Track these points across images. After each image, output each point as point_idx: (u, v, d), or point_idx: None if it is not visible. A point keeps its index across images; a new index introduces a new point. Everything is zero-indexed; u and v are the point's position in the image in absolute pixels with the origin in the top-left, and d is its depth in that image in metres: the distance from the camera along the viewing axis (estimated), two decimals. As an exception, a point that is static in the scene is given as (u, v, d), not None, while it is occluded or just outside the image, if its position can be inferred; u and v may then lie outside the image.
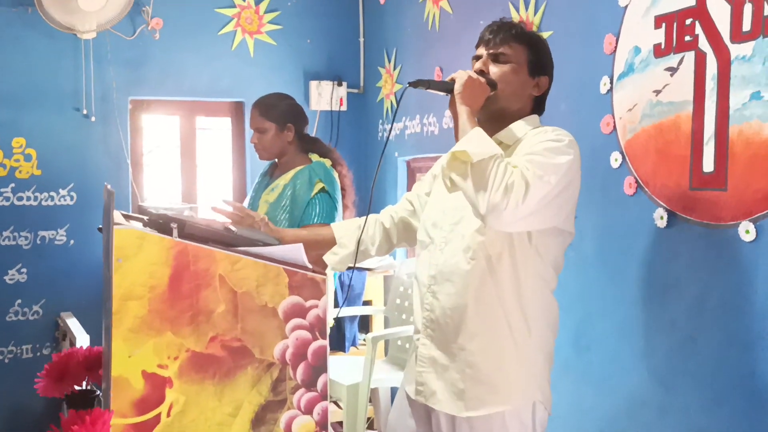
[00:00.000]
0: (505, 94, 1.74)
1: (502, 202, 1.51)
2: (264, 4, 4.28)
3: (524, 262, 1.71)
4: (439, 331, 1.78)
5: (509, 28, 1.76)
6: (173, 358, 1.49)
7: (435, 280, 1.79)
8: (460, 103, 1.67)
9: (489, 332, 1.73)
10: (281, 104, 2.67)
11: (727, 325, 2.02)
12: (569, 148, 1.65)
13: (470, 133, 1.61)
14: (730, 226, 1.99)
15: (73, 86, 3.89)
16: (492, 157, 1.54)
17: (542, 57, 1.80)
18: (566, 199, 1.66)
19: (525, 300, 1.73)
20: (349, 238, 1.98)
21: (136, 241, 1.45)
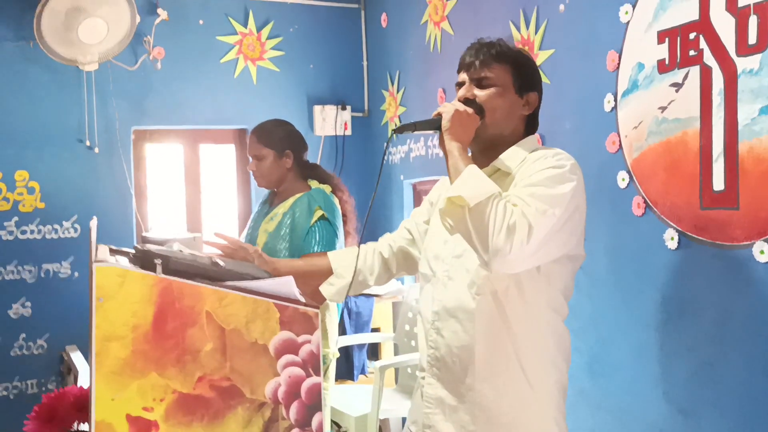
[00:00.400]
0: (495, 120, 1.64)
1: (506, 245, 1.42)
2: (266, 30, 4.26)
3: (534, 294, 1.60)
4: (445, 371, 1.67)
5: (489, 49, 1.65)
6: (159, 400, 1.42)
7: (439, 316, 1.68)
8: (450, 139, 1.57)
9: (500, 372, 1.61)
10: (279, 130, 2.62)
11: (749, 350, 1.92)
12: (572, 174, 1.54)
13: (464, 173, 1.51)
14: (744, 247, 1.90)
15: (75, 118, 3.88)
16: (489, 198, 1.44)
17: (528, 73, 1.68)
18: (574, 226, 1.56)
19: (537, 334, 1.62)
20: (345, 267, 1.88)
21: (117, 279, 1.39)
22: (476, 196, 1.44)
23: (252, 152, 2.58)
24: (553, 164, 1.53)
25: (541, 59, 2.75)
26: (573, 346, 2.61)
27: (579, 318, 2.61)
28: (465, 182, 1.49)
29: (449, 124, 1.57)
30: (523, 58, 1.69)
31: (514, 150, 1.65)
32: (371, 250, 1.93)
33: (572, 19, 2.59)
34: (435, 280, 1.71)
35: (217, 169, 4.34)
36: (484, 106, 1.62)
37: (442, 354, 1.67)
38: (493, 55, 1.64)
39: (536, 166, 1.55)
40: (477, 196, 1.44)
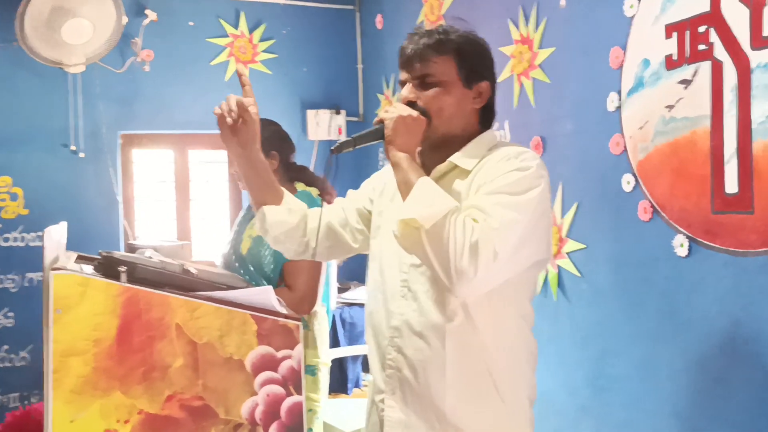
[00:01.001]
0: (443, 121, 1.47)
1: (470, 268, 1.29)
2: (258, 32, 4.16)
3: (503, 303, 1.46)
4: (410, 393, 1.50)
5: (428, 39, 1.47)
6: (123, 422, 1.31)
7: (399, 332, 1.50)
8: (396, 149, 1.42)
9: (474, 392, 1.47)
10: (265, 130, 2.48)
11: (764, 364, 1.80)
12: (539, 177, 1.39)
13: (415, 189, 1.37)
14: (760, 254, 1.78)
15: (61, 122, 3.77)
16: (446, 216, 1.31)
17: (476, 61, 1.49)
18: (542, 232, 1.43)
19: (509, 347, 1.49)
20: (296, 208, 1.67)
21: (78, 288, 1.28)
22: (432, 215, 1.31)
23: (236, 153, 2.46)
24: (517, 166, 1.39)
25: (541, 58, 2.64)
26: (575, 358, 2.51)
27: (581, 329, 2.48)
28: (417, 200, 1.35)
29: (393, 133, 1.42)
30: (468, 45, 1.48)
31: (472, 147, 1.49)
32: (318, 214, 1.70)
33: (574, 14, 2.47)
34: (390, 291, 1.53)
35: (208, 175, 4.22)
36: (428, 108, 1.46)
37: (405, 375, 1.50)
38: (433, 46, 1.45)
39: (499, 168, 1.41)
40: (432, 215, 1.31)
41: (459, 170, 1.48)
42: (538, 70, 2.66)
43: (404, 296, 1.50)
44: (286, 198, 1.69)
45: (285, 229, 1.66)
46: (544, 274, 2.64)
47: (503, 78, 2.85)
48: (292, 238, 1.67)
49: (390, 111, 1.45)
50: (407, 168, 1.41)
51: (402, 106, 1.46)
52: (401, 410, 1.51)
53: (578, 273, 2.47)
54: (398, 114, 1.43)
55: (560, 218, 2.55)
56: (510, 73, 2.82)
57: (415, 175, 1.39)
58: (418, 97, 1.47)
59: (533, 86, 2.70)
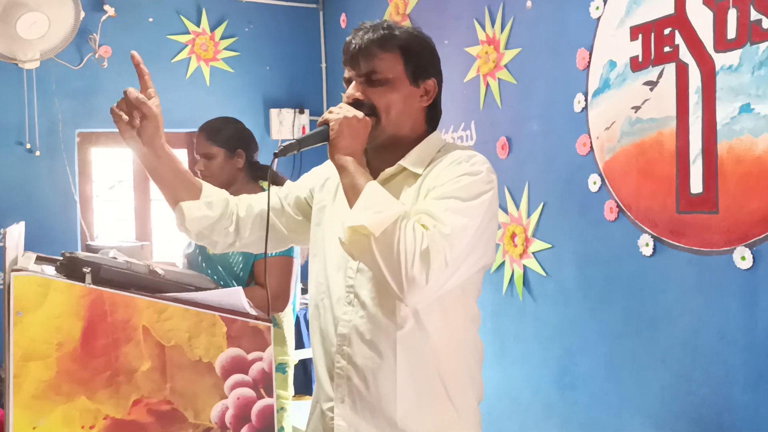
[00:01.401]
0: (391, 120, 1.43)
1: (421, 276, 1.25)
2: (220, 30, 4.09)
3: (453, 307, 1.44)
4: (360, 401, 1.46)
5: (373, 35, 1.42)
6: (89, 428, 1.27)
7: (348, 341, 1.46)
8: (341, 152, 1.37)
9: (426, 401, 1.44)
10: (230, 128, 2.47)
11: (726, 361, 1.83)
12: (488, 182, 1.38)
13: (363, 195, 1.32)
14: (724, 252, 1.81)
15: (15, 119, 3.65)
16: (396, 222, 1.27)
17: (422, 57, 1.46)
18: (490, 236, 1.41)
19: (458, 352, 1.47)
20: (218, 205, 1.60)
21: (39, 289, 1.23)
22: (381, 222, 1.27)
23: (200, 151, 2.42)
24: (467, 170, 1.37)
25: (507, 58, 2.65)
26: (539, 357, 2.53)
27: (546, 328, 2.50)
28: (366, 206, 1.30)
29: (337, 134, 1.37)
30: (414, 41, 1.45)
31: (421, 150, 1.46)
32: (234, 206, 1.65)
33: (540, 15, 2.49)
34: (336, 296, 1.49)
35: (168, 174, 4.15)
36: (376, 107, 1.41)
37: (354, 383, 1.46)
38: (378, 42, 1.41)
39: (449, 172, 1.38)
40: (382, 222, 1.27)
41: (408, 173, 1.46)
42: (504, 70, 2.67)
43: (351, 302, 1.46)
44: (204, 190, 1.61)
45: (207, 224, 1.59)
46: (510, 273, 2.65)
47: (469, 78, 2.86)
48: (218, 232, 1.61)
49: (334, 112, 1.40)
50: (354, 171, 1.36)
51: (347, 106, 1.41)
52: (351, 418, 1.47)
53: (544, 272, 2.49)
54: (343, 115, 1.38)
55: (526, 218, 2.56)
56: (476, 74, 2.83)
57: (362, 179, 1.35)
58: (364, 95, 1.42)
59: (499, 87, 2.71)
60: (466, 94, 2.90)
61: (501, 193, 2.68)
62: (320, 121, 1.41)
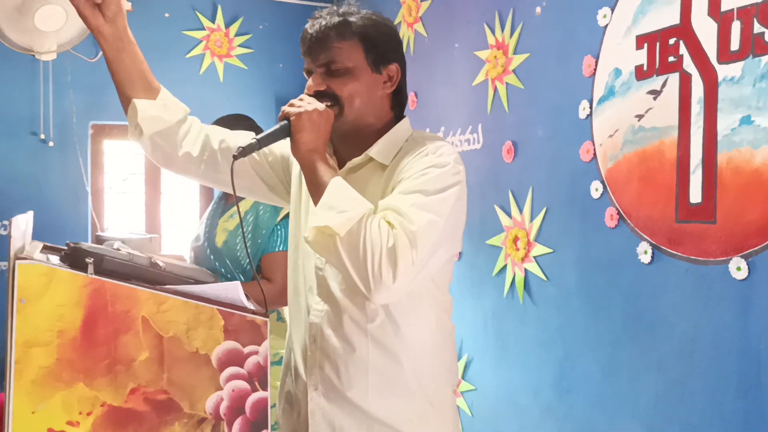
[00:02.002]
0: (354, 109, 1.40)
1: (387, 275, 1.23)
2: (234, 26, 4.13)
3: (422, 298, 1.43)
4: (332, 390, 1.46)
5: (329, 22, 1.39)
6: (86, 414, 1.30)
7: (319, 330, 1.46)
8: (303, 148, 1.34)
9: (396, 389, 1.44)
10: (240, 125, 2.49)
11: (719, 369, 1.85)
12: (455, 174, 1.35)
13: (327, 193, 1.29)
14: (720, 262, 1.82)
15: (30, 110, 3.71)
16: (361, 221, 1.24)
17: (383, 43, 1.42)
18: (458, 227, 1.39)
19: (430, 341, 1.46)
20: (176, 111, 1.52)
21: (43, 278, 1.26)
22: (346, 222, 1.24)
23: (210, 147, 2.46)
24: (434, 162, 1.34)
25: (515, 63, 2.67)
26: (540, 359, 2.55)
27: (546, 331, 2.52)
28: (330, 205, 1.27)
29: (299, 129, 1.33)
30: (373, 26, 1.42)
31: (388, 139, 1.44)
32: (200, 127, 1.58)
33: (549, 22, 2.50)
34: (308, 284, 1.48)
35: (179, 168, 4.19)
36: (339, 96, 1.39)
37: (327, 373, 1.46)
38: (336, 31, 1.37)
39: (415, 164, 1.35)
40: (347, 221, 1.24)
41: (375, 163, 1.43)
42: (512, 75, 2.69)
43: (320, 294, 1.46)
44: (162, 93, 1.54)
45: (162, 127, 1.50)
46: (512, 276, 2.67)
47: (478, 81, 2.88)
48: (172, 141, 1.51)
49: (295, 105, 1.36)
50: (317, 168, 1.33)
51: (308, 98, 1.37)
52: (325, 405, 1.47)
53: (545, 277, 2.50)
54: (304, 109, 1.34)
55: (529, 222, 2.58)
56: (485, 78, 2.84)
57: (326, 175, 1.32)
58: (325, 86, 1.39)
59: (507, 91, 2.73)
60: (474, 97, 2.91)
61: (505, 196, 2.69)
62: (280, 115, 1.37)
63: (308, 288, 1.49)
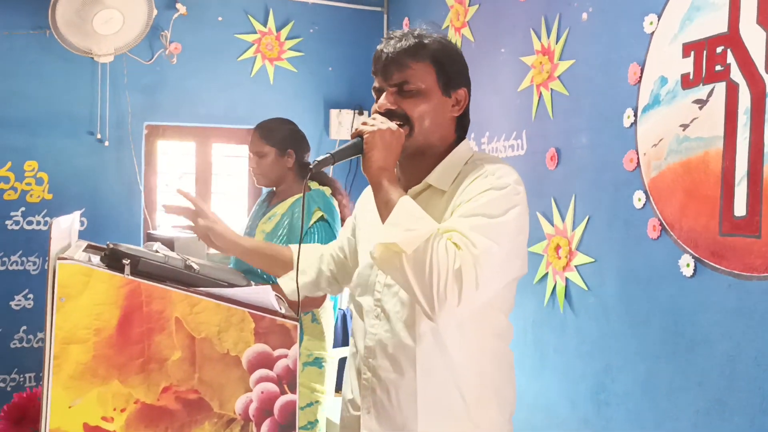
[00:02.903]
0: (423, 130, 1.42)
1: (452, 296, 1.24)
2: (285, 30, 4.19)
3: (477, 323, 1.43)
4: (384, 413, 1.48)
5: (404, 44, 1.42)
6: (120, 410, 1.34)
7: (373, 353, 1.49)
8: (374, 165, 1.36)
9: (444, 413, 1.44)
10: (283, 128, 2.56)
11: (762, 388, 1.79)
12: (515, 194, 1.36)
13: (395, 210, 1.31)
14: (764, 278, 1.77)
15: (87, 110, 3.83)
16: (428, 241, 1.25)
17: (453, 68, 1.45)
18: (519, 249, 1.39)
19: (481, 366, 1.46)
20: (310, 266, 1.69)
21: (82, 278, 1.31)
22: (413, 239, 1.25)
23: (253, 149, 2.52)
24: (493, 184, 1.35)
25: (561, 69, 2.64)
26: (579, 371, 2.51)
27: (586, 342, 2.48)
28: (398, 223, 1.29)
29: (371, 147, 1.36)
30: (445, 51, 1.45)
31: (447, 164, 1.46)
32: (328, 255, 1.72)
33: (595, 28, 2.47)
34: (366, 311, 1.51)
35: (230, 168, 4.27)
36: (410, 117, 1.41)
37: (378, 396, 1.48)
38: (410, 52, 1.41)
39: (475, 186, 1.37)
40: (414, 239, 1.25)
41: (434, 189, 1.45)
42: (557, 81, 2.66)
43: (378, 316, 1.48)
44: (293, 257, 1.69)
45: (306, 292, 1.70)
46: (553, 285, 2.64)
47: (523, 87, 2.86)
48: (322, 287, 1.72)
49: (368, 123, 1.39)
50: (387, 187, 1.35)
51: (381, 117, 1.41)
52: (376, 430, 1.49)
53: (585, 286, 2.47)
54: (377, 127, 1.37)
55: (571, 231, 2.55)
56: (530, 83, 2.82)
57: (395, 194, 1.33)
58: (396, 105, 1.42)
59: (552, 97, 2.70)
60: (519, 103, 2.89)
61: (548, 204, 2.67)
62: (354, 133, 1.41)
63: (366, 313, 1.52)
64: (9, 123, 3.68)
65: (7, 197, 3.68)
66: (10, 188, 3.69)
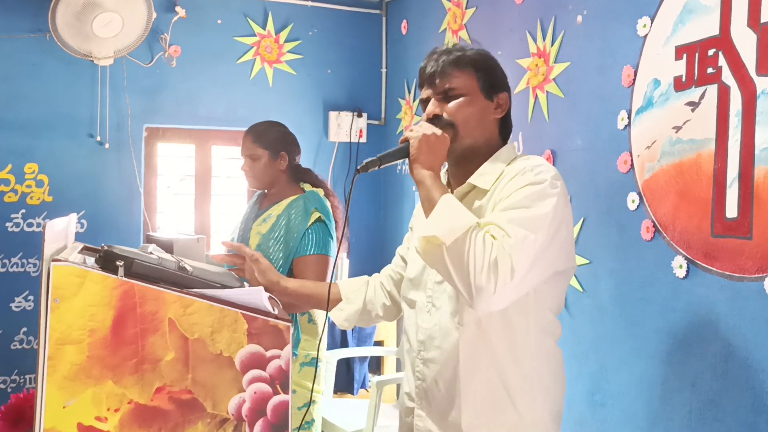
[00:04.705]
0: (469, 132, 1.53)
1: (489, 284, 1.32)
2: (284, 33, 4.21)
3: (519, 317, 1.49)
4: (433, 403, 1.57)
5: (447, 56, 1.54)
6: (114, 410, 1.35)
7: (424, 345, 1.58)
8: (420, 167, 1.47)
9: (487, 405, 1.51)
10: (274, 131, 2.57)
11: (754, 388, 1.80)
12: (552, 188, 1.42)
13: (437, 207, 1.40)
14: (755, 279, 1.78)
15: (88, 112, 3.85)
16: (467, 233, 1.34)
17: (494, 74, 1.57)
18: (561, 242, 1.44)
19: (525, 360, 1.51)
20: (355, 293, 1.80)
21: (76, 279, 1.33)
22: (452, 232, 1.34)
23: (246, 152, 2.53)
24: (531, 180, 1.42)
25: (556, 72, 2.65)
26: (574, 372, 2.52)
27: (581, 343, 2.49)
28: (439, 217, 1.39)
29: (417, 152, 1.47)
30: (484, 59, 1.56)
31: (490, 164, 1.54)
32: (377, 282, 1.83)
33: (589, 31, 2.48)
34: (418, 307, 1.61)
35: (228, 170, 4.29)
36: (455, 120, 1.52)
37: (428, 386, 1.57)
38: (453, 62, 1.52)
39: (514, 183, 1.44)
40: (453, 232, 1.34)
41: (478, 189, 1.53)
42: (552, 84, 2.68)
43: (429, 311, 1.57)
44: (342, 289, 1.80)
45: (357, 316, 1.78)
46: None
47: (519, 90, 2.87)
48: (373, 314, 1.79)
49: (415, 130, 1.49)
50: (431, 186, 1.44)
51: (426, 124, 1.50)
52: (426, 421, 1.58)
53: (581, 288, 2.48)
54: (422, 133, 1.47)
55: (567, 232, 2.56)
56: (526, 86, 2.83)
57: (438, 192, 1.43)
58: (443, 111, 1.52)
59: (547, 100, 2.71)
60: (515, 105, 2.90)
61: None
62: (402, 138, 1.51)
63: (419, 310, 1.60)
64: (9, 125, 3.70)
65: (7, 199, 3.71)
66: (11, 190, 3.71)
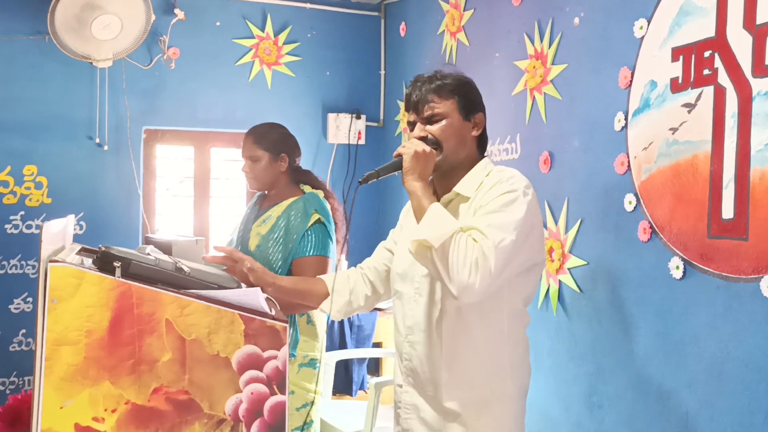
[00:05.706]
0: (451, 149, 1.75)
1: (471, 280, 1.54)
2: (283, 35, 4.22)
3: (496, 306, 1.71)
4: (417, 380, 1.79)
5: (429, 85, 1.75)
6: (111, 411, 1.36)
7: (411, 330, 1.80)
8: (412, 179, 1.68)
9: (463, 382, 1.73)
10: (275, 133, 2.58)
11: (750, 390, 1.80)
12: (524, 196, 1.64)
13: (427, 214, 1.62)
14: (752, 280, 1.79)
15: (87, 114, 3.85)
16: (452, 237, 1.56)
17: (471, 97, 1.80)
18: (533, 241, 1.66)
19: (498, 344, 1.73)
20: (343, 286, 1.97)
21: (73, 280, 1.33)
22: (440, 236, 1.56)
23: (247, 154, 2.53)
24: (506, 189, 1.65)
25: (553, 74, 2.66)
26: (572, 374, 2.53)
27: (578, 345, 2.50)
28: (429, 223, 1.59)
29: (410, 164, 1.67)
30: (463, 86, 1.78)
31: (471, 176, 1.76)
32: (359, 273, 1.99)
33: (586, 33, 2.49)
34: (406, 298, 1.81)
35: (228, 172, 4.29)
36: (439, 140, 1.73)
37: (414, 365, 1.79)
38: (435, 90, 1.74)
39: (492, 193, 1.66)
40: (441, 236, 1.56)
41: (462, 197, 1.75)
42: (550, 85, 2.68)
43: (416, 301, 1.79)
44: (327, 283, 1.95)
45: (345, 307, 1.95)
46: (546, 287, 2.66)
47: (517, 91, 2.88)
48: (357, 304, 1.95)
49: (407, 146, 1.70)
50: (421, 195, 1.65)
51: (417, 141, 1.71)
52: (413, 396, 1.80)
53: (578, 289, 2.49)
54: (414, 149, 1.68)
55: (564, 234, 2.56)
56: (523, 87, 2.84)
57: (427, 201, 1.64)
58: (426, 133, 1.74)
59: (545, 101, 2.72)
60: (513, 107, 2.91)
61: (541, 207, 2.68)
62: (395, 153, 1.72)
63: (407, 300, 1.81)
64: (8, 127, 3.70)
65: (6, 201, 3.71)
66: (10, 192, 3.72)
